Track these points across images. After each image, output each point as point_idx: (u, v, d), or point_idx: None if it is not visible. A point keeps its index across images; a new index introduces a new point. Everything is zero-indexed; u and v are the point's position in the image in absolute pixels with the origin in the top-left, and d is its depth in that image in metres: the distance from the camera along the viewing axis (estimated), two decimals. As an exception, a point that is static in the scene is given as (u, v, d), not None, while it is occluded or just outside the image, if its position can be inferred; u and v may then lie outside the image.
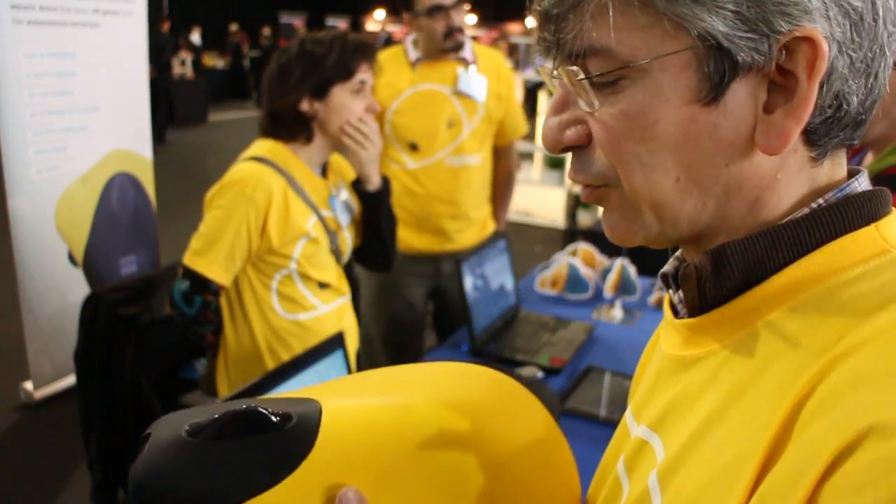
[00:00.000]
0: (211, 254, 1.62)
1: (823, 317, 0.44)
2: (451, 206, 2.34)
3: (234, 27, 14.93)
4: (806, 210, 0.48)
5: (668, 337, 0.56)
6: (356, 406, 0.56)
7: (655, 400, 0.55)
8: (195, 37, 14.31)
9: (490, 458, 0.56)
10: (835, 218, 0.47)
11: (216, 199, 1.66)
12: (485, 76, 2.34)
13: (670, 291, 0.57)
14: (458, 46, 2.27)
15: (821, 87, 0.45)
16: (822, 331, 0.43)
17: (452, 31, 2.24)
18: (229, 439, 0.50)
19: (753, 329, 0.47)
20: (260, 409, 0.51)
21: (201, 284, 1.64)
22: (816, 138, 0.47)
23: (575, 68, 0.47)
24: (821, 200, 0.48)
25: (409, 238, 2.33)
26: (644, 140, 0.47)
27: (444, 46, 2.25)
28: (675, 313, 0.56)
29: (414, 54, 2.32)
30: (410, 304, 2.44)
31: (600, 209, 0.54)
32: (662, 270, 0.58)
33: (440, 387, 0.60)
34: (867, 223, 0.47)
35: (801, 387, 0.41)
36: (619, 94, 0.47)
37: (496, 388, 0.64)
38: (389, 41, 12.48)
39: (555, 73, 0.50)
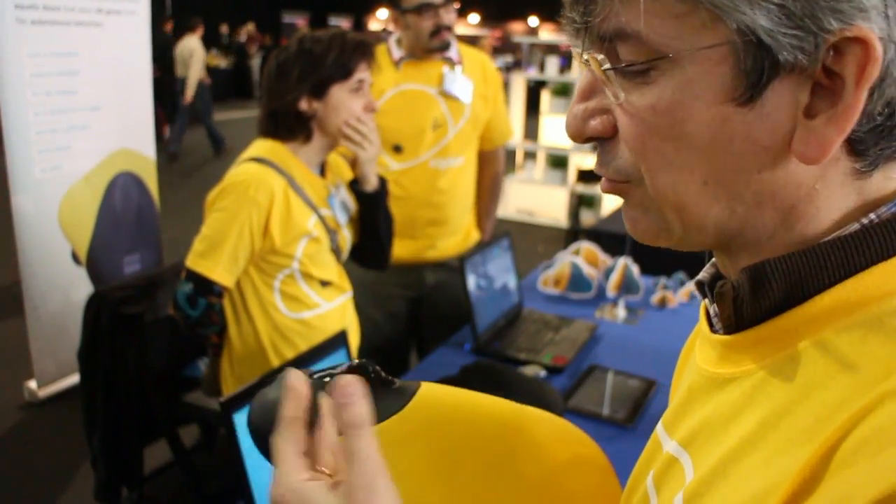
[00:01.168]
0: (214, 256, 1.62)
1: (871, 346, 0.40)
2: (433, 209, 2.28)
3: (250, 27, 14.99)
4: (856, 226, 0.44)
5: (703, 350, 0.53)
6: (452, 390, 0.62)
7: (688, 416, 0.53)
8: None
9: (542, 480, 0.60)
10: (888, 235, 0.43)
11: (218, 201, 1.66)
12: (470, 77, 2.29)
13: (706, 301, 0.54)
14: (445, 46, 2.21)
15: (871, 93, 0.40)
16: (869, 362, 0.40)
17: (440, 30, 2.17)
18: None
19: (793, 352, 0.44)
20: (377, 367, 0.59)
21: (205, 287, 1.64)
22: (863, 148, 0.43)
23: (601, 56, 0.44)
24: (872, 216, 0.44)
25: None
26: (672, 138, 0.43)
27: (431, 45, 2.18)
28: (710, 325, 0.53)
29: (398, 53, 2.24)
30: (393, 314, 2.37)
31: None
32: (698, 278, 0.55)
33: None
34: None
35: (843, 423, 0.38)
36: (647, 84, 0.43)
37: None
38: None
39: (584, 57, 0.47)
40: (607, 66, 0.44)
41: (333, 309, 1.81)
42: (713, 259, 0.55)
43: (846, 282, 0.43)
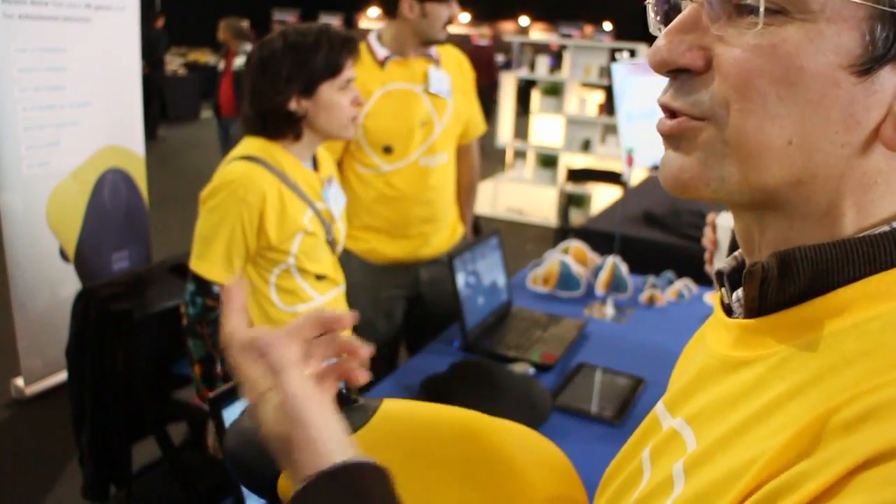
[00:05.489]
0: (209, 255, 1.65)
1: (889, 338, 0.42)
2: (426, 207, 2.29)
3: (245, 24, 14.95)
4: (886, 228, 0.45)
5: (718, 335, 0.54)
6: (412, 403, 0.68)
7: (696, 396, 0.54)
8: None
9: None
10: None
11: (209, 199, 1.66)
12: (448, 73, 2.30)
13: (723, 290, 0.55)
14: (448, 38, 2.23)
15: None
16: (885, 352, 0.41)
17: (450, 21, 2.18)
18: None
19: (811, 339, 0.45)
20: (340, 387, 0.65)
21: (203, 286, 1.68)
22: None
23: None
24: None
25: (383, 247, 2.29)
26: (781, 83, 0.44)
27: (440, 36, 2.19)
28: (728, 312, 0.54)
29: (382, 52, 2.20)
30: (389, 314, 2.39)
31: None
32: (718, 268, 0.56)
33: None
34: None
35: (848, 398, 0.40)
36: (773, 26, 0.43)
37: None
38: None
39: None
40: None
41: (327, 302, 1.82)
42: (737, 250, 0.56)
43: (870, 278, 0.44)
